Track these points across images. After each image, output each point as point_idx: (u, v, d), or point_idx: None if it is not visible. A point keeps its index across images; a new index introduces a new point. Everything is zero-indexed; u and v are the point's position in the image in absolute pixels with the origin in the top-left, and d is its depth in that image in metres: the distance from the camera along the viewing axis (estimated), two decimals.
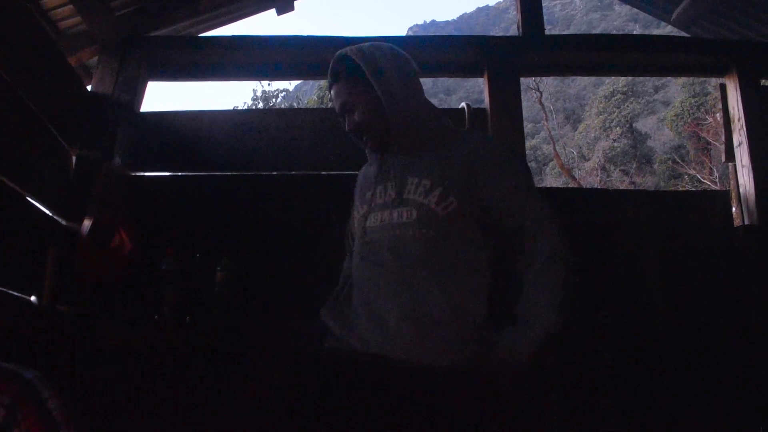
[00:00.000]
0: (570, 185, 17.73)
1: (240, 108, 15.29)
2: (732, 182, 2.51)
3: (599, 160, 21.79)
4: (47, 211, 1.95)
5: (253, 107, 17.83)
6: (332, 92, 1.41)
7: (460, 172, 1.29)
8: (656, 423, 2.04)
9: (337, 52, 1.39)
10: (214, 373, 1.93)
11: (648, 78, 23.57)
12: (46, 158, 1.95)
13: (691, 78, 17.33)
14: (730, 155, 2.47)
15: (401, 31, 74.64)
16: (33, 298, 1.80)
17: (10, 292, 1.68)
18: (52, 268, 1.83)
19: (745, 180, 2.36)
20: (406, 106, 1.34)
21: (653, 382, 2.07)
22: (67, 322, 1.83)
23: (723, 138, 2.58)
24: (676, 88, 23.24)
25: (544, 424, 1.73)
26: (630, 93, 24.23)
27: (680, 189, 15.14)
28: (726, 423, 2.05)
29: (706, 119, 17.31)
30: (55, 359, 1.68)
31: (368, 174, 1.47)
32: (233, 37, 2.47)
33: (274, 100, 18.99)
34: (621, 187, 15.69)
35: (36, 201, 1.87)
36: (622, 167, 21.36)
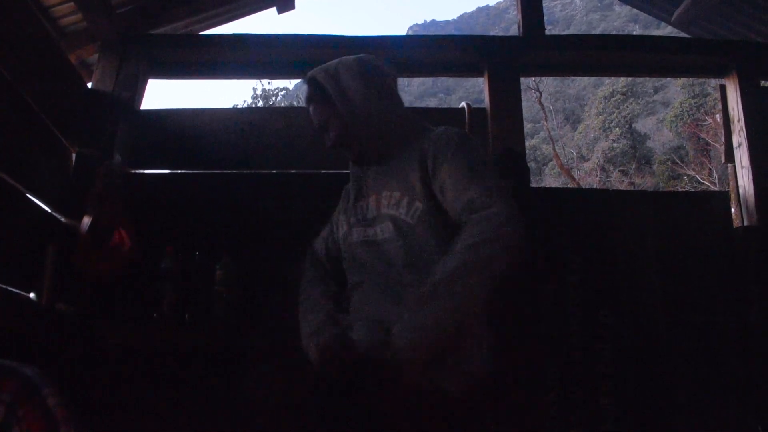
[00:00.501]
0: (569, 185, 17.73)
1: (240, 106, 15.27)
2: (731, 183, 2.52)
3: (598, 161, 21.78)
4: (47, 209, 1.95)
5: (253, 105, 17.82)
6: (310, 111, 1.44)
7: (420, 172, 1.30)
8: (656, 423, 2.04)
9: (308, 74, 1.42)
10: (213, 372, 1.93)
11: (648, 78, 23.54)
12: (46, 156, 1.95)
13: (690, 79, 17.34)
14: (730, 156, 2.48)
15: (401, 31, 74.67)
16: (32, 295, 1.80)
17: (10, 289, 1.67)
18: (52, 266, 1.83)
19: (745, 181, 2.36)
20: (371, 122, 1.35)
21: (653, 382, 2.07)
22: (67, 320, 1.83)
23: (723, 139, 2.58)
24: (676, 89, 23.24)
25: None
26: (629, 93, 24.21)
27: (679, 190, 15.14)
28: (726, 423, 2.05)
29: (705, 120, 17.31)
30: (55, 357, 1.68)
31: (350, 191, 1.49)
32: (233, 35, 2.46)
33: (274, 98, 18.95)
34: (620, 188, 15.70)
35: (36, 198, 1.87)
36: (621, 168, 21.35)
